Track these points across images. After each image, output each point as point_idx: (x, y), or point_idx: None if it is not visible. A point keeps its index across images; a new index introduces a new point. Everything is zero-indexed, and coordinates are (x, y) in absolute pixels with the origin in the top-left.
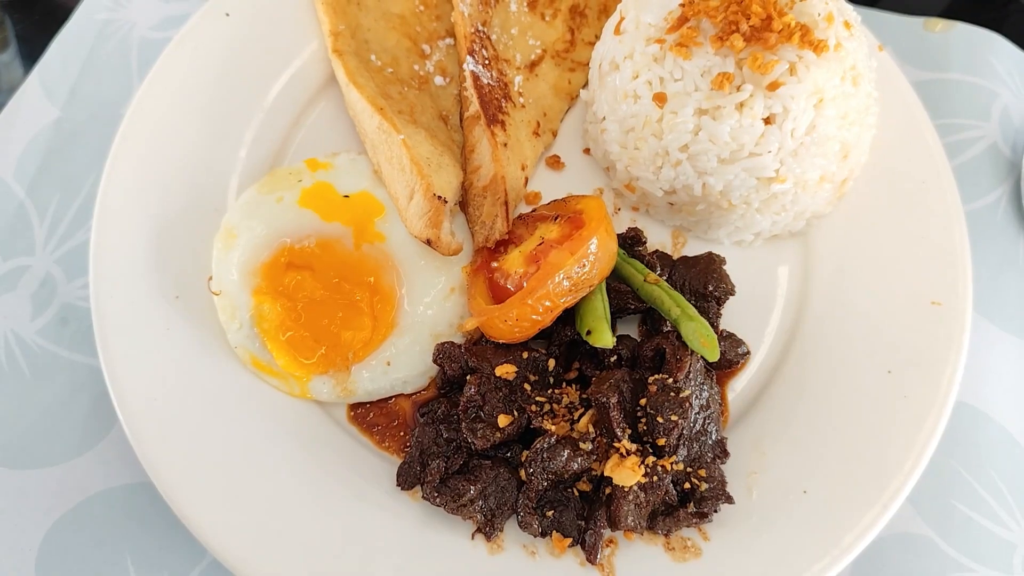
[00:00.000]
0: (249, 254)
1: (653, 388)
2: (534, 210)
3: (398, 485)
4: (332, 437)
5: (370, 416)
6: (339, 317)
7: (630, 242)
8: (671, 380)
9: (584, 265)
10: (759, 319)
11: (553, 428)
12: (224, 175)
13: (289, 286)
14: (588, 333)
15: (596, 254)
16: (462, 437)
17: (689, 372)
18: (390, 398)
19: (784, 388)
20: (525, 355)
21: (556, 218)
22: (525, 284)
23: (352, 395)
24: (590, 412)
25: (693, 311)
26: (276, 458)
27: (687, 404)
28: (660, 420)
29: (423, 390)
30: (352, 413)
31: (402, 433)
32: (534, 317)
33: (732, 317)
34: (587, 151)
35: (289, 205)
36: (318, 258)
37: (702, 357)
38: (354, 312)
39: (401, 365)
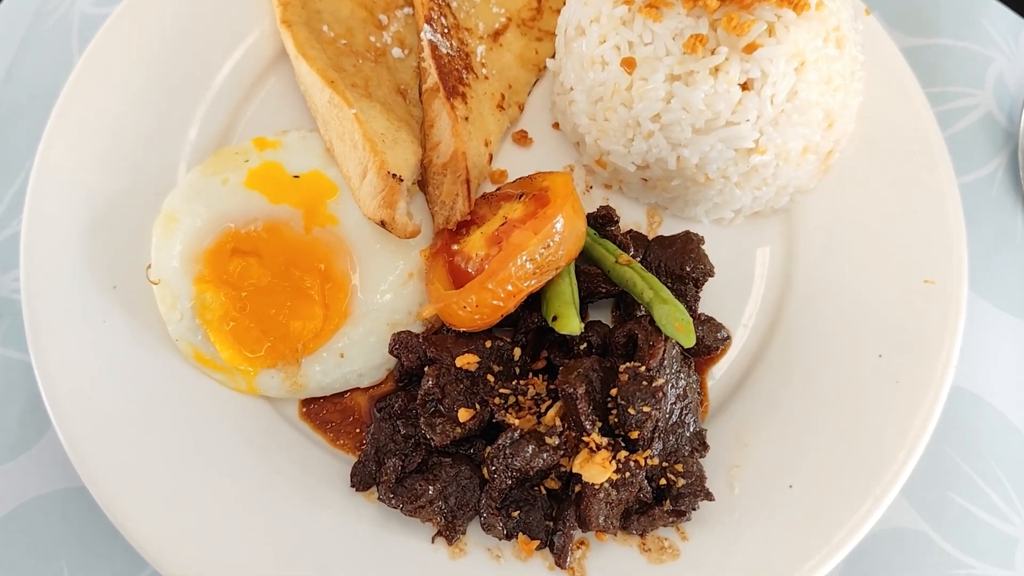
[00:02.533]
0: (191, 240)
1: (624, 377)
2: (498, 189)
3: (352, 486)
4: (282, 435)
5: (323, 412)
6: (288, 306)
7: (601, 222)
8: (643, 368)
9: (549, 245)
10: (740, 301)
11: (517, 422)
12: (167, 156)
13: (234, 274)
14: (554, 319)
15: (562, 233)
16: (420, 433)
17: (663, 359)
18: (344, 392)
19: (768, 375)
20: (488, 344)
21: (521, 196)
22: (487, 268)
23: (303, 390)
24: (558, 404)
25: (667, 293)
26: (221, 459)
27: (660, 394)
28: (632, 411)
29: (380, 383)
30: (304, 409)
31: (358, 430)
32: (495, 303)
33: (711, 300)
34: (556, 126)
35: (235, 187)
36: (265, 243)
37: (677, 343)
38: (304, 300)
39: (355, 357)
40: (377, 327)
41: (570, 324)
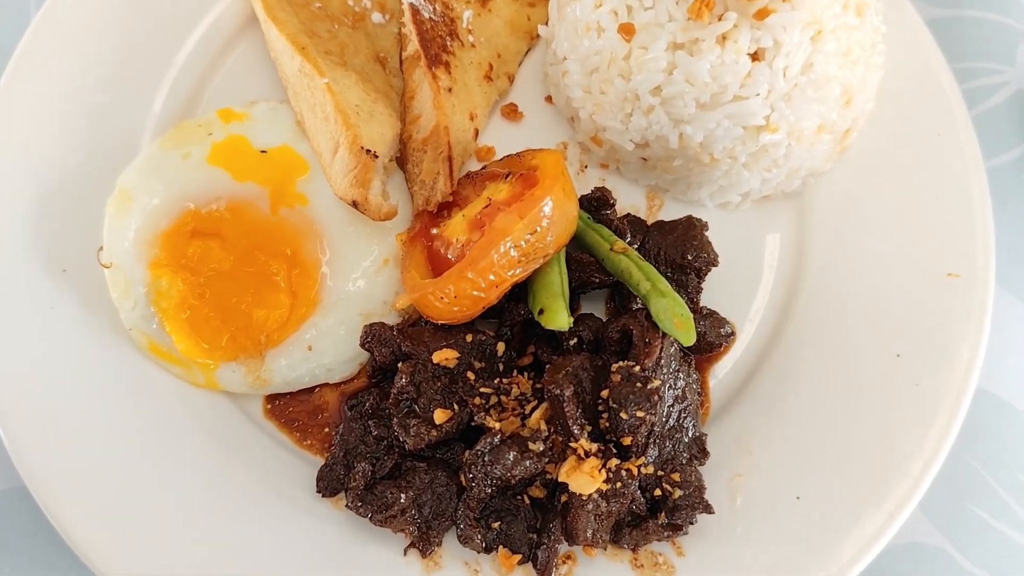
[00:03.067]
0: (146, 220)
1: (616, 377)
2: (484, 167)
3: (318, 491)
4: (243, 434)
5: (289, 409)
6: (251, 294)
7: (596, 205)
8: (637, 368)
9: (536, 231)
10: (746, 294)
11: (498, 425)
12: (125, 128)
13: (193, 258)
14: (541, 313)
15: (550, 218)
16: (394, 435)
17: (660, 358)
18: (313, 388)
19: (775, 375)
20: (469, 338)
21: (507, 176)
22: (467, 255)
23: (267, 385)
24: (543, 406)
25: (665, 285)
26: (175, 460)
27: (655, 397)
28: (624, 416)
29: (352, 379)
30: (268, 406)
31: (327, 429)
32: (475, 294)
33: (715, 292)
34: (549, 99)
35: (196, 162)
36: (228, 224)
37: (676, 340)
38: (269, 288)
39: (324, 350)
40: (348, 318)
41: (558, 319)
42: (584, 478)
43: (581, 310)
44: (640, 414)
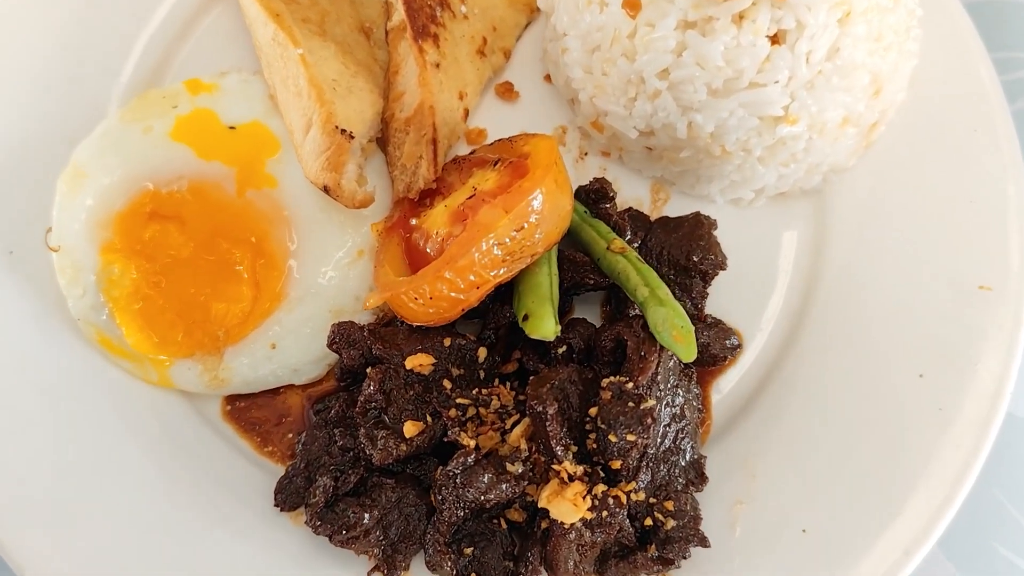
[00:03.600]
0: (100, 200)
1: (606, 395)
2: (473, 152)
3: (276, 505)
4: (199, 438)
5: (251, 412)
6: (210, 284)
7: (594, 197)
8: (630, 384)
9: (523, 227)
10: (756, 301)
11: (472, 443)
12: (83, 98)
13: (149, 243)
14: (525, 319)
15: (540, 213)
16: (360, 446)
17: (656, 374)
18: (277, 390)
19: (784, 393)
20: (447, 342)
21: (496, 164)
22: (446, 251)
23: (225, 385)
24: (525, 421)
25: (666, 292)
26: (122, 465)
27: (649, 420)
28: (613, 439)
29: (320, 381)
30: (228, 407)
31: (290, 435)
32: (453, 295)
33: (721, 298)
34: (548, 78)
35: (158, 137)
36: (189, 207)
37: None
38: (230, 278)
39: (289, 348)
40: (317, 314)
41: (543, 326)
42: (567, 506)
43: (574, 313)
44: (631, 438)
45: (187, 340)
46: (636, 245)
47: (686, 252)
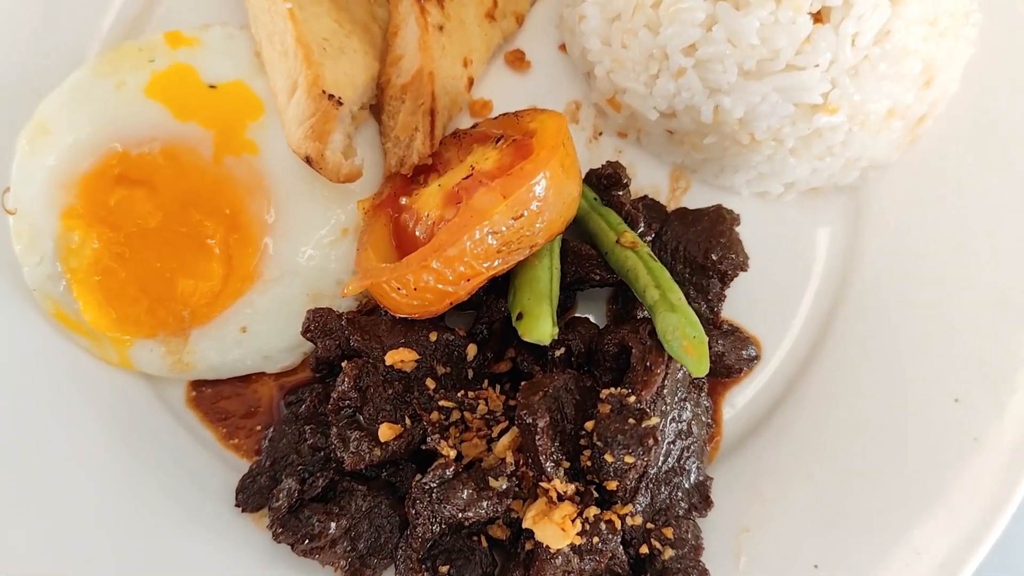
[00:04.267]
0: (65, 159)
1: (605, 408)
2: (475, 126)
3: (237, 505)
4: (159, 425)
5: (219, 400)
6: (178, 258)
7: (606, 183)
8: (632, 398)
9: (521, 215)
10: (779, 308)
11: (451, 453)
12: (55, 48)
13: (114, 209)
14: (520, 318)
15: (542, 200)
16: (332, 446)
17: (662, 387)
18: (249, 377)
19: (803, 410)
20: (433, 336)
21: (499, 140)
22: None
23: (189, 369)
24: (514, 430)
25: (678, 297)
26: (71, 451)
27: (650, 440)
28: (609, 459)
29: (294, 370)
30: (194, 393)
31: (259, 428)
32: (440, 287)
33: (740, 301)
34: (564, 48)
35: (132, 94)
36: (161, 172)
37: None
38: (200, 253)
39: (261, 333)
40: (293, 297)
41: (538, 328)
42: (554, 529)
43: (576, 310)
44: (629, 459)
45: (149, 318)
46: (649, 239)
47: (704, 249)
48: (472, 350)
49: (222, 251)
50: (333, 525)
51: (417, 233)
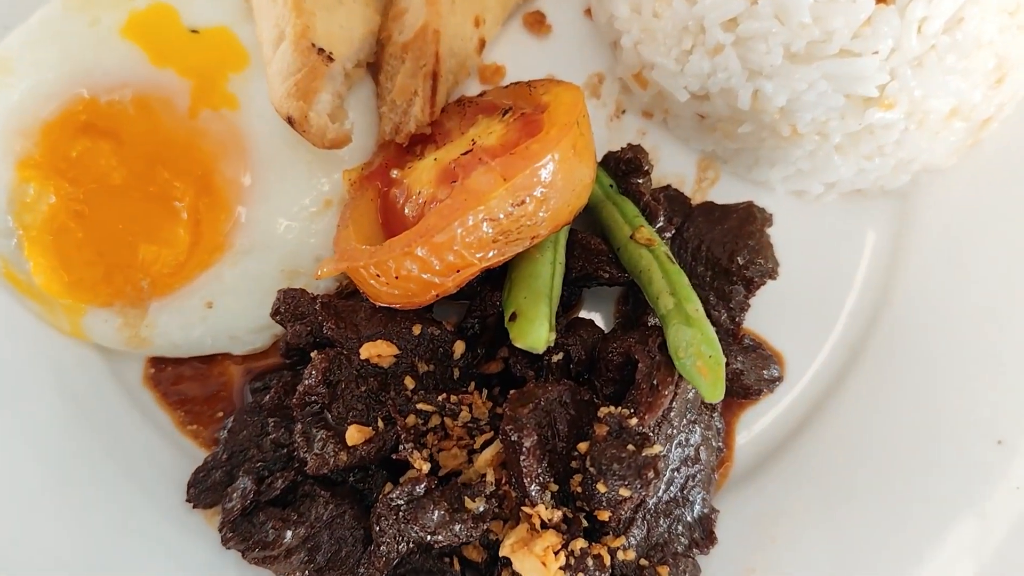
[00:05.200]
0: (25, 102)
1: (602, 429)
2: (483, 94)
3: (188, 500)
4: (111, 404)
5: (180, 380)
6: (141, 221)
7: (624, 168)
8: (634, 421)
9: (523, 201)
10: (808, 322)
11: (424, 467)
12: None
13: (76, 162)
14: (512, 319)
15: (549, 185)
16: (296, 444)
17: (669, 409)
18: (214, 357)
19: (825, 441)
20: (417, 330)
21: (506, 113)
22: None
23: (146, 345)
24: (499, 444)
25: (695, 307)
26: (16, 425)
27: (651, 473)
28: (602, 489)
29: (264, 353)
30: (152, 370)
31: (220, 414)
32: (426, 277)
33: (766, 312)
34: (589, 13)
35: (106, 33)
36: (130, 123)
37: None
38: (166, 216)
39: (229, 310)
40: (266, 272)
41: (532, 334)
42: (533, 562)
43: (580, 309)
44: (625, 493)
45: (105, 286)
46: (669, 235)
47: (730, 251)
48: (460, 347)
49: (190, 216)
50: (289, 533)
51: (407, 212)
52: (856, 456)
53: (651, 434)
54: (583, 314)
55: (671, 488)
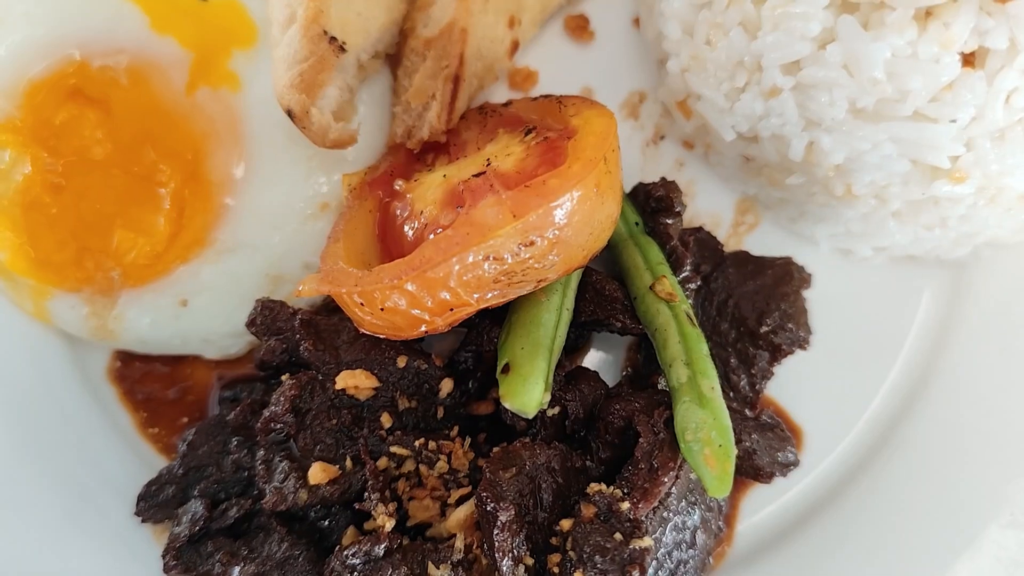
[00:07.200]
0: (13, 58)
1: (589, 510)
2: (509, 103)
3: (137, 513)
4: (68, 395)
5: (147, 377)
6: (120, 203)
7: (654, 206)
8: (626, 506)
9: (533, 242)
10: (836, 400)
11: (388, 523)
12: None
13: (59, 129)
14: (505, 370)
15: (564, 227)
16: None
17: (668, 495)
18: (185, 358)
19: (837, 538)
20: (402, 362)
21: (529, 132)
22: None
23: (112, 338)
24: (473, 503)
25: (712, 386)
26: None
27: (635, 571)
28: None
29: (239, 359)
30: (118, 364)
31: (185, 419)
32: (415, 313)
33: (790, 383)
34: (637, 23)
35: None
36: (121, 93)
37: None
38: (147, 201)
39: (205, 311)
40: (249, 274)
41: (524, 393)
42: None
43: (584, 357)
44: None
45: (75, 269)
46: (694, 286)
47: (759, 311)
48: (447, 386)
49: (173, 204)
50: (237, 570)
51: (406, 231)
52: (868, 557)
53: (644, 521)
54: (591, 354)
55: (659, 573)
